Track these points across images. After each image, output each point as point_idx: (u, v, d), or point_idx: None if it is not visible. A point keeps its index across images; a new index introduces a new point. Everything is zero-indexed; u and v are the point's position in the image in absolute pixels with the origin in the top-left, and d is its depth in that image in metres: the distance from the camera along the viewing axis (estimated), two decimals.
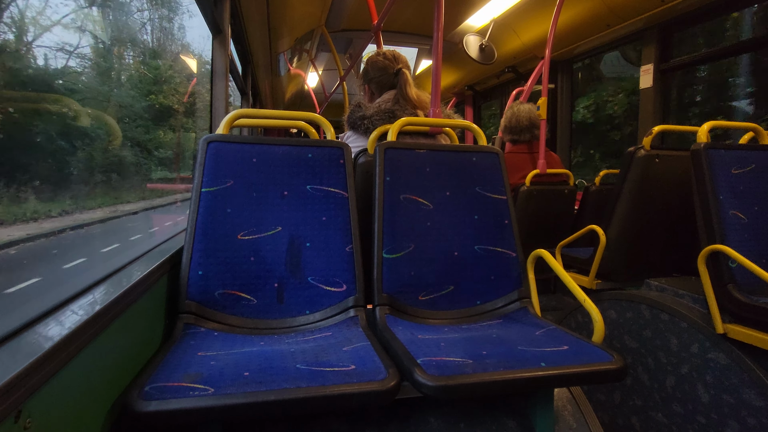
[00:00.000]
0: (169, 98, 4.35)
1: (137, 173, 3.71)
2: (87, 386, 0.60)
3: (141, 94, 4.13)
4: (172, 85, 4.38)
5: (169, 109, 4.38)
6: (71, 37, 2.68)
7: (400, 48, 4.26)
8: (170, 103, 4.38)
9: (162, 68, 4.45)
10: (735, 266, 1.25)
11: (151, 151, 4.01)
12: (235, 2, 2.28)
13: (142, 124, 4.02)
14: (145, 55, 4.37)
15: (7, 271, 1.60)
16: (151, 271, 0.86)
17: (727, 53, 2.54)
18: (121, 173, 3.19)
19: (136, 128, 3.90)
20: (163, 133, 4.29)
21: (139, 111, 4.01)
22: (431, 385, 0.72)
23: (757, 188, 1.39)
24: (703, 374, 1.32)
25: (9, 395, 0.42)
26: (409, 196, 1.19)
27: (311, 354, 0.82)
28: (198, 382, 0.69)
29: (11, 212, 1.68)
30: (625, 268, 1.84)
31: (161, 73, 4.36)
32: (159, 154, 4.13)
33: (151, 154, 4.01)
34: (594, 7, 2.72)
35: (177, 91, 4.42)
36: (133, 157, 3.64)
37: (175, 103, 4.41)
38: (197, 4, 1.68)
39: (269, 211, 1.11)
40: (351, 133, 1.56)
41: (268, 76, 4.44)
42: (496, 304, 1.17)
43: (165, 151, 4.21)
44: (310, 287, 1.08)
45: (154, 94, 4.25)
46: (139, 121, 3.98)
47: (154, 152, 4.06)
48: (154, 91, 4.25)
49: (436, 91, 1.48)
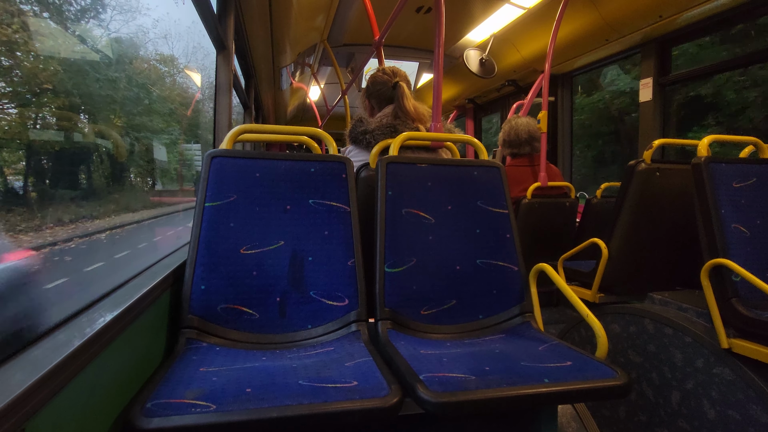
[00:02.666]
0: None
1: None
2: (90, 403, 0.60)
3: None
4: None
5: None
6: None
7: (401, 62, 4.32)
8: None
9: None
10: (738, 280, 1.25)
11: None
12: (239, 19, 2.32)
13: None
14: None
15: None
16: (155, 286, 0.86)
17: (726, 67, 2.56)
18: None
19: None
20: None
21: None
22: (434, 401, 0.71)
23: (758, 202, 1.39)
24: (708, 390, 1.30)
25: (12, 414, 0.42)
26: (410, 210, 1.20)
27: (313, 369, 0.82)
28: (200, 398, 0.68)
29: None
30: (628, 281, 1.84)
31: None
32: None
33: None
34: (592, 22, 2.76)
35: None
36: None
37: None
38: (202, 21, 1.71)
39: (272, 226, 1.11)
40: (353, 147, 1.58)
41: (270, 90, 4.49)
42: (499, 319, 1.17)
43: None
44: (313, 301, 1.08)
45: None
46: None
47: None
48: None
49: (437, 105, 1.49)
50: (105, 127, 3.61)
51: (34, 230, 2.24)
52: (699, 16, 2.35)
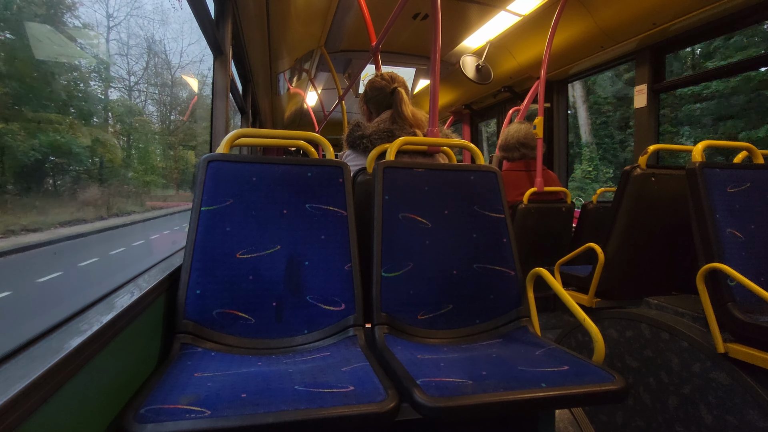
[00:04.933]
0: None
1: None
2: (83, 408, 0.59)
3: None
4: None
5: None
6: None
7: (398, 68, 4.34)
8: None
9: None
10: (734, 284, 1.25)
11: None
12: (236, 24, 2.33)
13: None
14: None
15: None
16: (149, 291, 0.86)
17: (718, 74, 2.59)
18: None
19: None
20: None
21: None
22: (431, 406, 0.71)
23: (753, 207, 1.40)
24: (705, 395, 1.30)
25: (2, 420, 0.41)
26: (407, 214, 1.20)
27: (309, 375, 0.81)
28: (195, 404, 0.67)
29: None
30: (624, 286, 1.84)
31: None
32: None
33: None
34: (588, 30, 2.79)
35: None
36: None
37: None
38: (199, 25, 1.72)
39: (268, 230, 1.11)
40: (350, 152, 1.58)
41: (267, 96, 4.50)
42: (496, 324, 1.16)
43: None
44: (309, 306, 1.07)
45: None
46: None
47: None
48: None
49: (434, 111, 1.50)
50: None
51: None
52: (692, 24, 2.38)
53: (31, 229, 3.95)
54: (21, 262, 3.70)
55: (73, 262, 4.40)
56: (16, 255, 3.63)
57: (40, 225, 4.11)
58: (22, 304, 3.01)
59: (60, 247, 4.31)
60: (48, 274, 3.87)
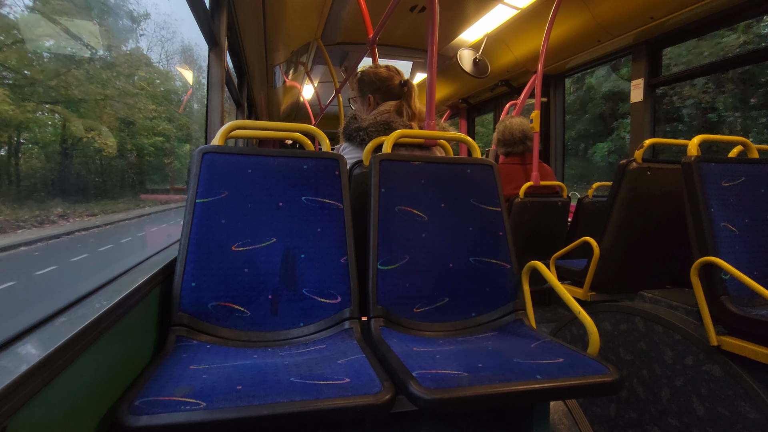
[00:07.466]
0: None
1: None
2: (75, 401, 0.59)
3: None
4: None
5: None
6: None
7: (395, 61, 4.31)
8: None
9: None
10: (728, 278, 1.26)
11: None
12: (231, 15, 2.30)
13: None
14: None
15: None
16: (143, 283, 0.85)
17: (715, 68, 2.59)
18: None
19: None
20: None
21: None
22: (426, 398, 0.71)
23: (747, 201, 1.41)
24: (698, 387, 1.31)
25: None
26: (404, 207, 1.19)
27: (305, 367, 0.81)
28: (190, 396, 0.67)
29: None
30: (619, 279, 1.85)
31: None
32: None
33: None
34: (585, 24, 2.78)
35: None
36: None
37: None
38: (194, 16, 1.69)
39: (264, 223, 1.10)
40: (347, 144, 1.57)
41: (263, 88, 4.47)
42: (491, 316, 1.17)
43: None
44: (305, 299, 1.07)
45: None
46: None
47: None
48: None
49: (431, 104, 1.49)
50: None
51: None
52: (689, 18, 2.38)
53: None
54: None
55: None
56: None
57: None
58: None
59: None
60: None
